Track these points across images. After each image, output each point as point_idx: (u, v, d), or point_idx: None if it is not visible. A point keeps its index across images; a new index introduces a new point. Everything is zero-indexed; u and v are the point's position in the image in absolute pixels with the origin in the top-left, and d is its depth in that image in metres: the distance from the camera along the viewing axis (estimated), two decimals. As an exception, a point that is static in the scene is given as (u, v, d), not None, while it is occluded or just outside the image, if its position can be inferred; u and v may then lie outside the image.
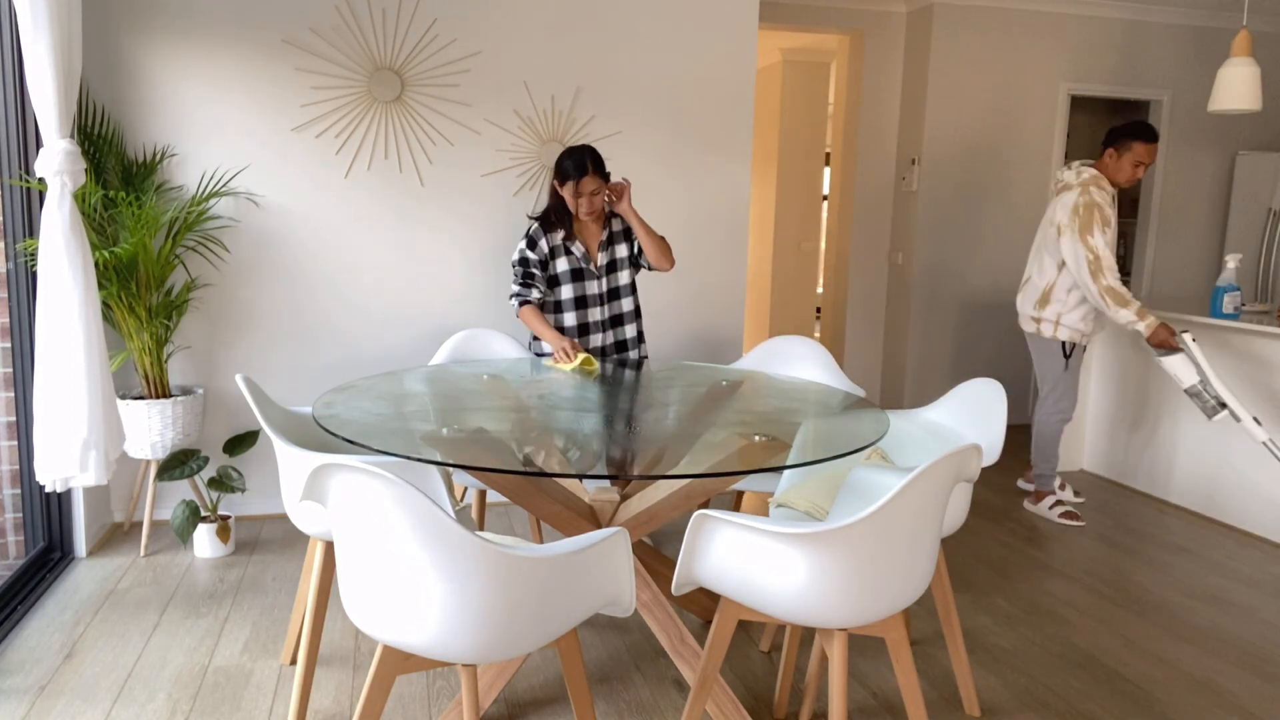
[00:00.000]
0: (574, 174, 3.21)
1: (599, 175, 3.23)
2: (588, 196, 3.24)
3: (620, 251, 3.44)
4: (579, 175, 3.21)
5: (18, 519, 3.46)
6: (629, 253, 3.46)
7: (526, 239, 3.35)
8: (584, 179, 3.21)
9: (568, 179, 3.24)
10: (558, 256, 3.35)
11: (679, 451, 2.17)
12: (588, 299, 3.40)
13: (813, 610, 1.90)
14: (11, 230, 3.29)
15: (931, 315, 5.94)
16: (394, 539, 1.67)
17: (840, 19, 5.81)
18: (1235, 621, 3.23)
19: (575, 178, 3.21)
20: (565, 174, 3.24)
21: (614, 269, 3.43)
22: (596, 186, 3.24)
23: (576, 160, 3.21)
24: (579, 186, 3.22)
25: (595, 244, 3.41)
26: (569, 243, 3.34)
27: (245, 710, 2.51)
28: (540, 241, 3.33)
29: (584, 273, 3.38)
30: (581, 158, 3.21)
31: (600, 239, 3.40)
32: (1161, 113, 6.06)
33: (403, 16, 3.94)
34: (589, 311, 3.41)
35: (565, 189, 3.26)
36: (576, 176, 3.21)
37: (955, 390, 2.78)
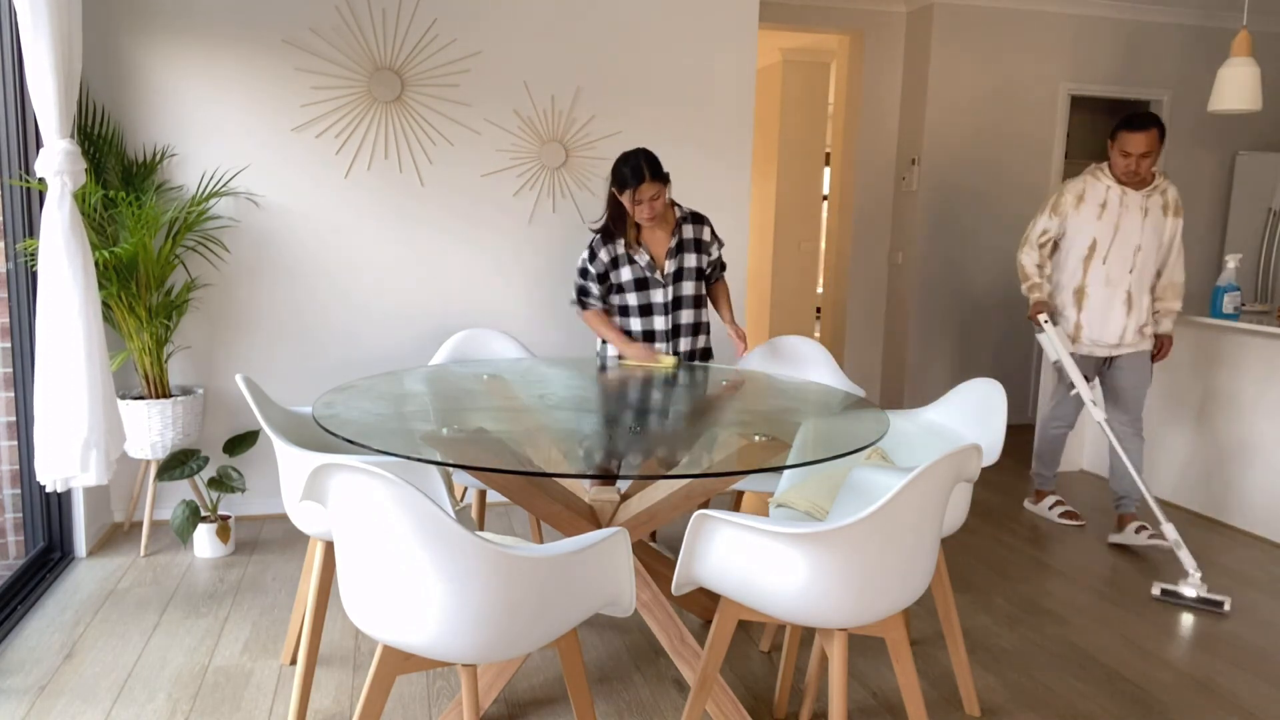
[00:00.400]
0: (632, 181, 3.10)
1: (658, 180, 3.12)
2: (648, 202, 3.13)
3: (689, 261, 3.31)
4: (637, 182, 3.10)
5: (18, 519, 3.46)
6: (698, 264, 3.33)
7: (588, 249, 3.30)
8: (642, 185, 3.10)
9: (626, 186, 3.13)
10: (621, 265, 3.26)
11: (679, 451, 2.17)
12: (653, 307, 3.31)
13: (813, 610, 1.90)
14: (11, 230, 3.29)
15: (931, 315, 5.94)
16: (394, 539, 1.67)
17: (840, 19, 5.81)
18: (1235, 621, 3.23)
19: (633, 184, 3.10)
20: (623, 181, 3.13)
21: (680, 278, 3.31)
22: (656, 191, 3.12)
23: (634, 166, 3.10)
24: (637, 193, 3.11)
25: (663, 251, 3.29)
26: (632, 251, 3.25)
27: (245, 710, 2.51)
28: (600, 253, 3.26)
29: (649, 281, 3.28)
30: (639, 163, 3.10)
31: (669, 246, 3.29)
32: (1161, 113, 6.06)
33: (403, 16, 3.94)
34: (654, 319, 3.32)
35: (624, 196, 3.16)
36: (635, 183, 3.10)
37: (955, 390, 2.78)
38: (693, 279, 3.33)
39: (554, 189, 4.22)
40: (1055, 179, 5.97)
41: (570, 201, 4.24)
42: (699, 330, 3.39)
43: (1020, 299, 6.09)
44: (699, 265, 3.33)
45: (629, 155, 3.14)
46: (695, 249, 3.32)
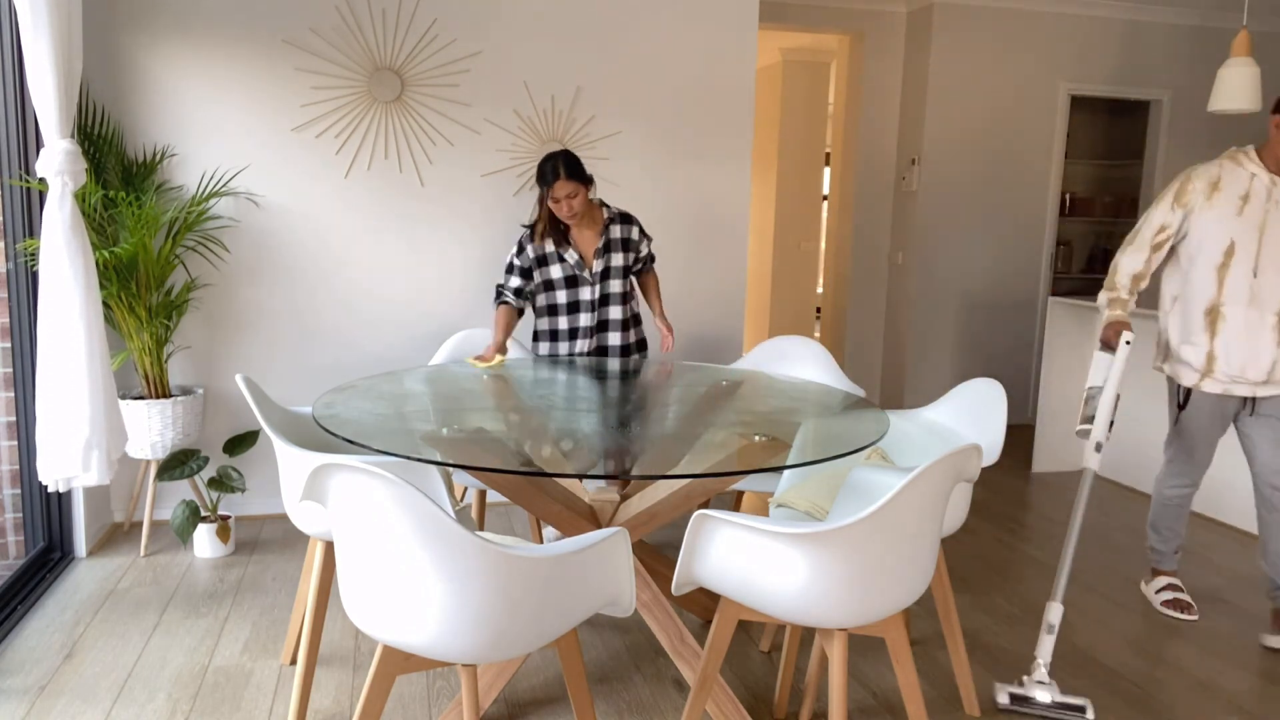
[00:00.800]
0: (549, 178, 3.25)
1: (573, 179, 3.24)
2: (564, 200, 3.26)
3: (616, 260, 3.44)
4: (552, 179, 3.24)
5: (18, 519, 3.46)
6: (625, 262, 3.47)
7: (517, 244, 3.43)
8: (556, 184, 3.23)
9: (542, 185, 3.28)
10: (551, 263, 3.39)
11: (679, 451, 2.17)
12: (580, 305, 3.43)
13: (813, 610, 1.90)
14: (12, 230, 3.29)
15: (931, 315, 5.94)
16: (394, 539, 1.67)
17: (840, 19, 5.81)
18: (1235, 621, 3.23)
19: (550, 181, 3.25)
20: (542, 178, 3.28)
21: (607, 276, 3.43)
22: (571, 190, 3.25)
23: (550, 166, 3.25)
24: (552, 191, 3.25)
25: (591, 250, 3.42)
26: (561, 249, 3.38)
27: (245, 710, 2.51)
28: (527, 248, 3.39)
29: (577, 279, 3.41)
30: (555, 163, 3.25)
31: (596, 246, 3.41)
32: (1161, 113, 6.06)
33: (403, 16, 3.94)
34: (579, 316, 3.44)
35: (546, 195, 3.30)
36: (551, 180, 3.25)
37: (955, 390, 2.78)
38: (620, 277, 3.46)
39: (554, 189, 4.22)
40: (1055, 179, 5.97)
41: (570, 201, 4.24)
42: (628, 325, 3.52)
43: (1020, 298, 6.08)
44: (626, 264, 3.47)
45: (549, 155, 3.27)
46: (623, 248, 3.45)
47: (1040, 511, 4.39)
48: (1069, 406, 5.06)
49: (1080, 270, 7.13)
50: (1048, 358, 5.01)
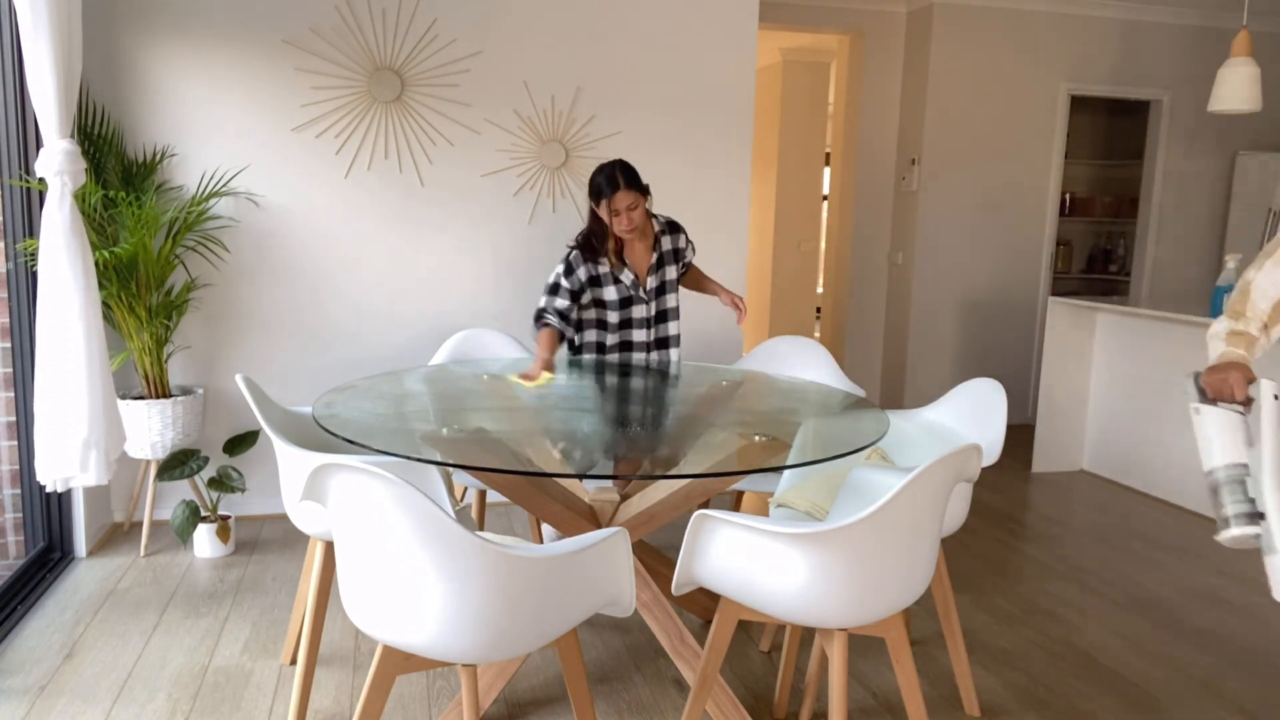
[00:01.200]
0: (606, 190, 3.03)
1: (633, 189, 3.03)
2: (625, 213, 3.04)
3: (669, 274, 3.29)
4: (611, 191, 3.02)
5: (18, 519, 3.46)
6: (675, 275, 3.32)
7: (564, 264, 3.17)
8: (617, 194, 3.02)
9: (600, 196, 3.06)
10: (605, 284, 3.18)
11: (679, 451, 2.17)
12: (634, 322, 3.26)
13: (813, 610, 1.90)
14: (12, 230, 3.29)
15: (931, 315, 5.94)
16: (394, 539, 1.67)
17: (840, 19, 5.81)
18: (1235, 621, 3.23)
19: (608, 194, 3.03)
20: (598, 191, 3.07)
21: (663, 292, 3.28)
22: (632, 201, 3.03)
23: (608, 175, 3.04)
24: (612, 203, 3.03)
25: (644, 268, 3.23)
26: (616, 270, 3.17)
27: (245, 710, 2.51)
28: (578, 270, 3.16)
29: (633, 299, 3.23)
30: (613, 172, 3.03)
31: (649, 263, 3.22)
32: (1161, 113, 6.06)
33: (403, 16, 3.94)
34: (633, 333, 3.27)
35: (600, 208, 3.09)
36: (609, 192, 3.02)
37: (955, 390, 2.78)
38: (674, 290, 3.33)
39: (554, 189, 4.22)
40: (1055, 179, 5.97)
41: (570, 201, 4.24)
42: (678, 340, 3.40)
43: (1020, 298, 6.08)
44: (677, 276, 3.34)
45: (604, 165, 3.08)
46: (674, 259, 3.30)
47: (1040, 511, 4.39)
48: (1069, 406, 5.06)
49: (1080, 270, 7.13)
50: (1048, 358, 5.01)
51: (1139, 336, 4.75)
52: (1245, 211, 6.09)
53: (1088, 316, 5.01)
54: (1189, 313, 4.37)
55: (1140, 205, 6.23)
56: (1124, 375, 4.85)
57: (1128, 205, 6.91)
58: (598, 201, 3.08)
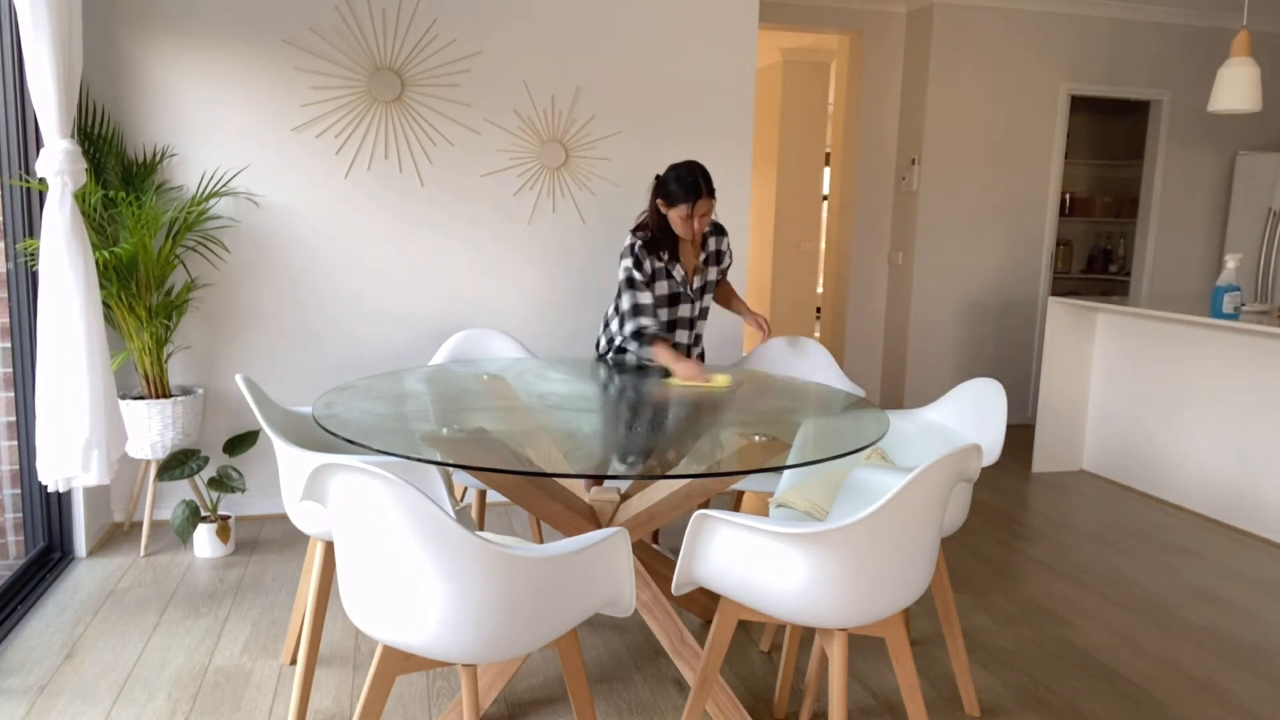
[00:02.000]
0: (688, 197, 3.00)
1: (712, 196, 3.04)
2: (699, 219, 3.03)
3: (712, 275, 3.29)
4: (694, 198, 2.99)
5: (18, 519, 3.46)
6: (716, 276, 3.32)
7: (633, 257, 3.10)
8: (699, 202, 3.00)
9: (679, 201, 3.01)
10: (659, 279, 3.15)
11: (679, 451, 2.17)
12: (679, 322, 3.24)
13: (813, 610, 1.90)
14: (12, 230, 3.29)
15: (931, 315, 5.94)
16: (394, 539, 1.67)
17: (840, 19, 5.81)
18: (1235, 621, 3.23)
19: (690, 200, 3.00)
20: (676, 196, 3.01)
21: (705, 292, 3.29)
22: (709, 208, 3.03)
23: (691, 183, 2.99)
24: (693, 209, 3.01)
25: (692, 266, 3.22)
26: (671, 266, 3.16)
27: (245, 710, 2.51)
28: (645, 262, 3.11)
29: (681, 296, 3.21)
30: (696, 179, 3.00)
31: (696, 262, 3.22)
32: (1161, 113, 6.06)
33: (403, 16, 3.94)
34: (677, 334, 3.25)
35: (675, 211, 3.04)
36: (692, 199, 3.00)
37: (955, 390, 2.78)
38: (712, 291, 3.33)
39: (554, 189, 4.22)
40: (1055, 179, 5.97)
41: (570, 201, 4.25)
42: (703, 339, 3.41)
43: (1020, 298, 6.08)
44: (717, 278, 3.32)
45: (684, 169, 3.02)
46: (716, 261, 3.29)
47: (1040, 511, 4.39)
48: (1069, 406, 5.06)
49: (1080, 270, 7.13)
50: (1048, 358, 5.01)
51: (1139, 336, 4.75)
52: (1245, 211, 6.09)
53: (1088, 316, 5.01)
54: (1189, 313, 4.37)
55: (1140, 205, 6.23)
56: (1124, 375, 4.85)
57: (1128, 205, 6.91)
58: (673, 204, 3.04)
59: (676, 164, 3.06)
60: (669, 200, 3.05)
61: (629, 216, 4.33)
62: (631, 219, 4.33)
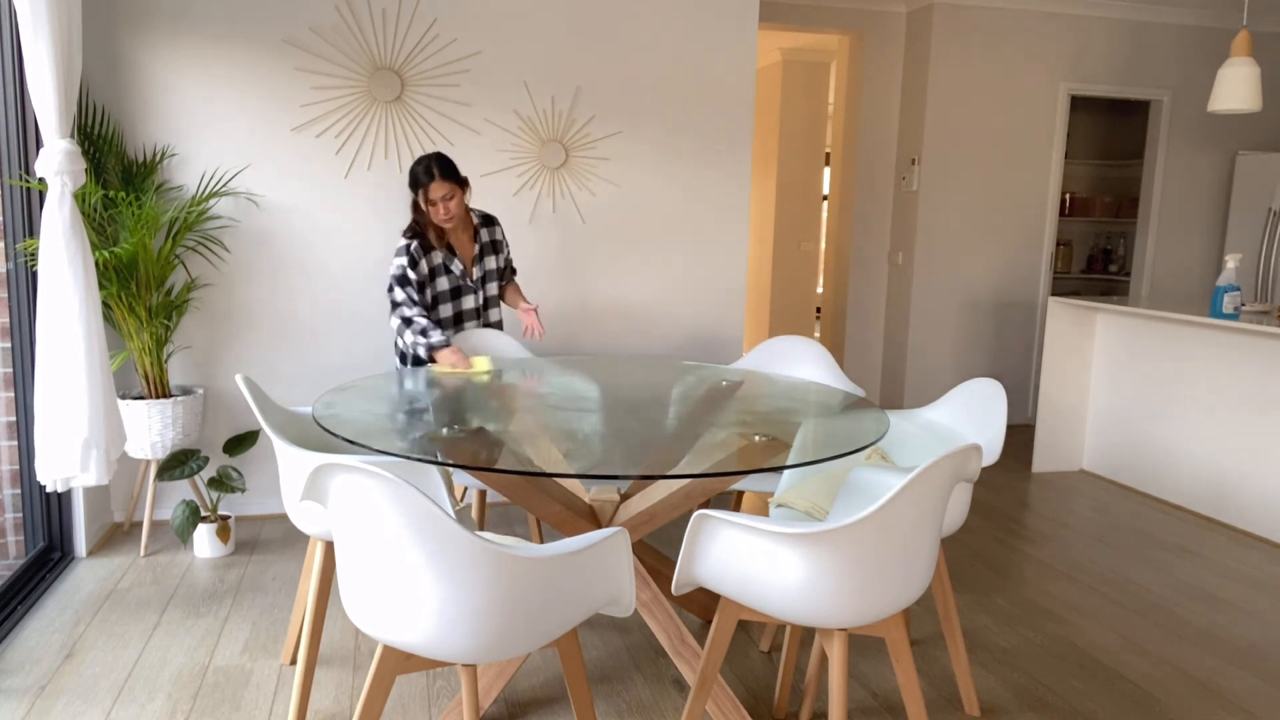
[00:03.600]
0: (423, 179, 3.17)
1: (448, 180, 3.16)
2: (440, 203, 3.18)
3: (490, 264, 3.43)
4: (427, 180, 3.16)
5: (18, 519, 3.46)
6: (497, 265, 3.46)
7: (407, 256, 3.23)
8: (432, 184, 3.15)
9: (417, 185, 3.19)
10: (438, 275, 3.30)
11: (679, 451, 2.17)
12: (464, 314, 3.39)
13: (812, 610, 1.90)
14: (12, 230, 3.29)
15: (931, 315, 5.94)
16: (394, 539, 1.67)
17: (840, 19, 5.81)
18: (1235, 621, 3.23)
19: (424, 183, 3.17)
20: (415, 181, 3.19)
21: (486, 281, 3.43)
22: (448, 191, 3.17)
23: (424, 166, 3.17)
24: (428, 192, 3.17)
25: (470, 257, 3.38)
26: (449, 260, 3.30)
27: (245, 710, 2.51)
28: (421, 261, 3.26)
29: (463, 289, 3.36)
30: (429, 163, 3.17)
31: (473, 253, 3.38)
32: (1161, 113, 6.06)
33: (403, 16, 3.94)
34: (463, 328, 3.39)
35: (417, 196, 3.22)
36: (425, 181, 3.16)
37: (955, 390, 2.78)
38: (495, 280, 3.47)
39: (554, 189, 4.22)
40: (1055, 179, 5.97)
41: (570, 201, 4.25)
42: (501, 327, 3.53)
43: (1020, 298, 6.08)
44: (499, 266, 3.47)
45: (421, 157, 3.20)
46: (493, 251, 3.45)
47: (1040, 511, 4.39)
48: (1069, 406, 5.06)
49: (1080, 270, 7.13)
50: (1048, 358, 5.01)
51: (1139, 336, 4.75)
52: (1245, 211, 6.09)
53: (1088, 316, 5.01)
54: (1189, 313, 4.37)
55: (1140, 205, 6.23)
56: (1124, 375, 4.85)
57: (1128, 205, 6.91)
58: (416, 191, 3.21)
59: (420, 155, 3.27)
60: (413, 187, 3.22)
61: (629, 216, 4.33)
62: (631, 219, 4.34)
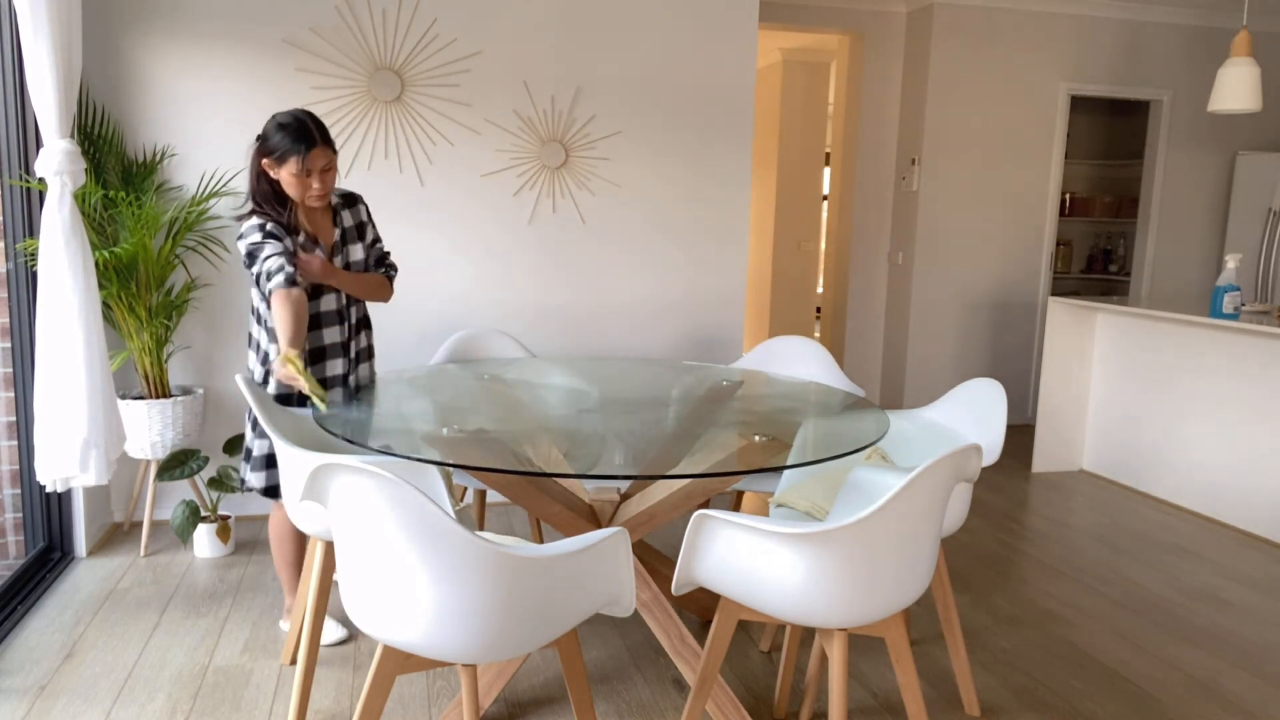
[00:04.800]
0: (299, 147, 2.45)
1: (329, 147, 2.50)
2: (318, 174, 2.50)
3: (356, 254, 2.74)
4: (306, 148, 2.45)
5: (18, 519, 3.46)
6: (365, 255, 2.78)
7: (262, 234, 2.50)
8: (314, 151, 2.46)
9: (289, 154, 2.46)
10: None
11: (679, 451, 2.17)
12: (324, 317, 2.68)
13: (812, 610, 1.90)
14: (11, 230, 3.29)
15: (931, 315, 5.94)
16: (394, 539, 1.67)
17: (840, 19, 5.80)
18: (1235, 621, 3.23)
19: (302, 151, 2.45)
20: (284, 148, 2.46)
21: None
22: (329, 161, 2.50)
23: (300, 129, 2.45)
24: (307, 162, 2.46)
25: (330, 245, 2.68)
26: (308, 247, 2.61)
27: (245, 710, 2.51)
28: (285, 240, 2.53)
29: (321, 286, 2.65)
30: (306, 125, 2.46)
31: (334, 240, 2.67)
32: (1161, 113, 6.06)
33: (403, 16, 3.94)
34: (325, 332, 2.69)
35: (286, 168, 2.48)
36: (304, 149, 2.45)
37: (955, 390, 2.78)
38: (361, 271, 2.78)
39: (554, 189, 4.22)
40: (1055, 179, 5.97)
41: (570, 201, 4.24)
42: (368, 325, 2.86)
43: (1021, 298, 6.08)
44: (365, 256, 2.79)
45: (286, 116, 2.48)
46: (358, 236, 2.75)
47: (1040, 511, 4.39)
48: (1069, 406, 5.06)
49: (1080, 270, 7.13)
50: (1048, 358, 5.01)
51: (1139, 336, 4.75)
52: (1245, 211, 6.09)
53: (1088, 316, 5.01)
54: (1189, 313, 4.37)
55: (1140, 205, 6.23)
56: (1124, 375, 4.85)
57: (1128, 205, 6.91)
58: (282, 160, 2.48)
59: (280, 113, 2.51)
60: (276, 156, 2.48)
61: (629, 216, 4.33)
62: (631, 219, 4.33)
